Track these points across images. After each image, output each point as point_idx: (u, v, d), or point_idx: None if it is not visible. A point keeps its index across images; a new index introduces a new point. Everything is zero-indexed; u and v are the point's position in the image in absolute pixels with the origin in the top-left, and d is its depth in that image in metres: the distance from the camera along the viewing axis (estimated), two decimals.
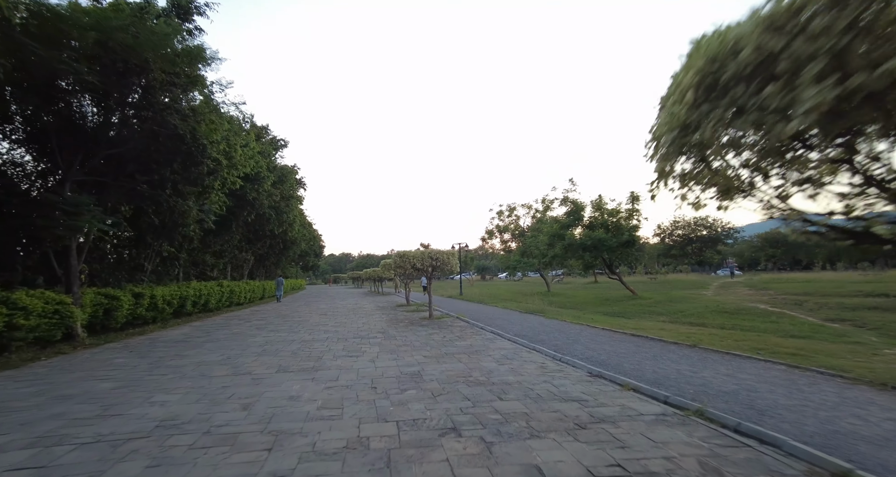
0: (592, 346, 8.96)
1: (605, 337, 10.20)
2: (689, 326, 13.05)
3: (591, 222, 25.04)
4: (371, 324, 13.74)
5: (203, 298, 18.16)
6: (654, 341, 9.46)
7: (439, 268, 14.86)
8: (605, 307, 20.40)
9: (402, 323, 13.79)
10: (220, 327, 13.40)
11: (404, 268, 14.66)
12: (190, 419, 4.53)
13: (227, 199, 16.82)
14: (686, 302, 20.85)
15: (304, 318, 16.32)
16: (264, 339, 10.60)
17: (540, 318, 14.91)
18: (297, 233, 30.25)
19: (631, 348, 8.63)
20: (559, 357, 7.62)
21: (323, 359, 7.82)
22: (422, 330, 11.82)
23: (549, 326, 12.50)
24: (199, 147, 12.06)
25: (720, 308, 16.93)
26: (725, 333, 10.85)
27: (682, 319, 14.91)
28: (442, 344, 9.30)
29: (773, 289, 26.03)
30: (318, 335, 11.11)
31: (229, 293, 21.76)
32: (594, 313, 17.72)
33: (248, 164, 17.44)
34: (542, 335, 10.54)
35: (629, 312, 18.14)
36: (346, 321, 14.69)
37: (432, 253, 14.45)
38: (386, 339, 10.25)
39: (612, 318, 16.05)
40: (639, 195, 24.84)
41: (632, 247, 23.61)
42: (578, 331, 11.26)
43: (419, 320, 14.52)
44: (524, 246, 32.79)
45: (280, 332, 11.96)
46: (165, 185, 11.93)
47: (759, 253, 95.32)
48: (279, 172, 24.64)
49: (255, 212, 21.81)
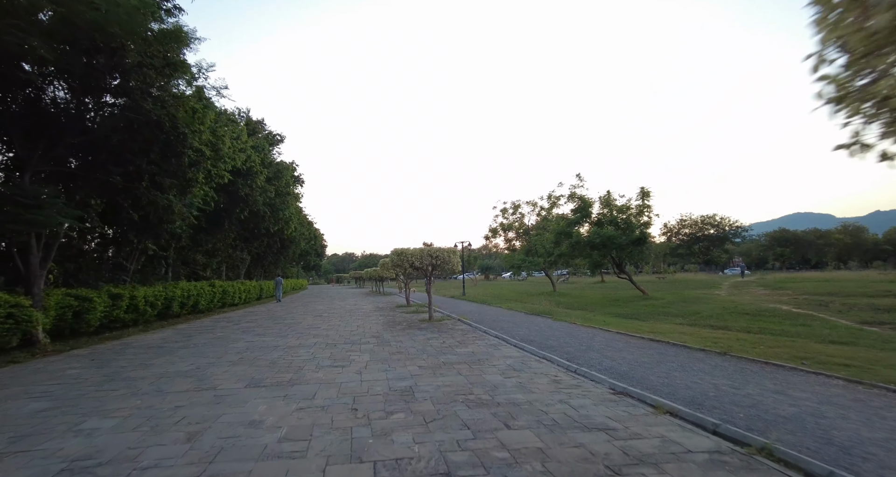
0: (609, 353, 7.95)
1: (621, 343, 9.19)
2: (710, 329, 12.00)
3: (600, 219, 23.95)
4: (366, 327, 12.78)
5: (192, 299, 17.26)
6: (678, 348, 8.44)
7: (440, 267, 13.88)
8: (616, 308, 19.35)
9: (400, 326, 12.82)
10: (205, 331, 12.47)
11: (402, 267, 13.69)
12: (111, 457, 3.56)
13: (215, 195, 15.91)
14: (701, 302, 19.76)
15: (297, 320, 15.38)
16: (246, 344, 9.65)
17: (547, 320, 13.91)
18: (294, 231, 29.35)
19: (653, 357, 7.61)
20: (574, 368, 6.62)
21: (303, 370, 6.85)
22: (420, 334, 10.84)
23: (559, 329, 11.50)
24: (178, 136, 11.13)
25: (740, 309, 15.85)
26: (754, 338, 9.80)
27: (701, 321, 13.85)
28: (440, 351, 8.32)
29: (790, 288, 24.88)
30: (306, 340, 10.15)
31: (222, 294, 20.86)
32: (605, 315, 16.68)
33: (239, 157, 16.53)
34: (551, 340, 9.54)
35: (642, 313, 17.09)
36: (339, 324, 13.74)
37: (432, 251, 13.47)
38: (379, 344, 9.28)
39: (624, 320, 15.01)
40: (649, 191, 23.75)
41: (643, 245, 22.51)
42: (591, 335, 10.25)
43: (418, 323, 13.55)
44: (529, 244, 31.72)
45: (266, 336, 11.01)
46: (142, 177, 11.01)
47: (768, 252, 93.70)
48: (275, 168, 23.73)
49: (249, 208, 20.90)
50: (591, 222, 23.90)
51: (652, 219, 21.95)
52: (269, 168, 23.66)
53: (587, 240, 22.26)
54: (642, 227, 21.98)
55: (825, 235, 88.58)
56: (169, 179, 11.39)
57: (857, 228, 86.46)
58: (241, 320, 15.56)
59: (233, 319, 15.98)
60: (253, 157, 18.76)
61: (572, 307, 20.09)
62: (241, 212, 20.36)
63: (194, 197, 13.14)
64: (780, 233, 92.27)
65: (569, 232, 24.57)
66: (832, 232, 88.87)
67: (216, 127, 14.37)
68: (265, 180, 22.32)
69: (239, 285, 24.04)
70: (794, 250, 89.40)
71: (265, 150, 21.63)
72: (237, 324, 14.34)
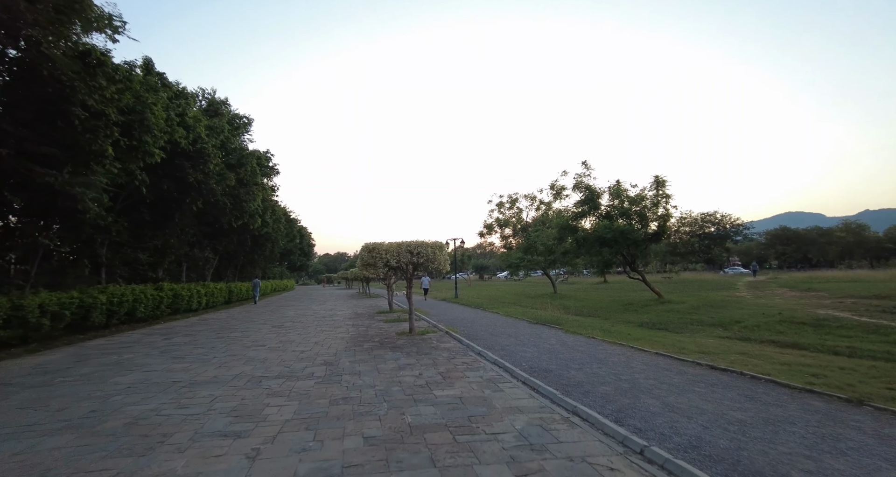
0: (672, 399, 5.11)
1: (674, 373, 6.37)
2: (774, 347, 9.21)
3: (609, 212, 21.15)
4: (327, 343, 9.87)
5: (126, 306, 14.21)
6: (769, 386, 5.63)
7: (423, 265, 11.00)
8: (634, 315, 16.55)
9: (371, 342, 9.92)
10: (103, 353, 9.39)
11: (374, 265, 10.79)
12: None
13: (145, 177, 12.88)
14: (730, 307, 17.01)
15: (248, 332, 12.44)
16: (132, 379, 6.70)
17: (558, 332, 11.07)
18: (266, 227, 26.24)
19: (745, 406, 4.80)
20: (639, 448, 3.74)
21: (163, 446, 3.94)
22: (390, 358, 7.93)
23: (577, 348, 8.65)
24: (63, 90, 8.13)
25: (788, 317, 13.09)
26: (858, 365, 7.00)
27: (751, 334, 11.07)
28: (411, 396, 5.44)
29: (821, 290, 22.19)
30: (229, 369, 7.23)
31: (172, 298, 17.83)
32: (624, 324, 13.87)
33: (178, 132, 13.51)
34: (573, 370, 6.69)
35: (667, 321, 14.30)
36: (296, 338, 10.82)
37: (412, 246, 10.57)
38: (326, 380, 6.38)
39: (652, 331, 12.20)
40: (664, 179, 20.94)
41: (660, 240, 19.78)
42: (625, 360, 7.41)
43: (394, 337, 10.66)
44: (527, 241, 28.89)
45: (182, 361, 8.05)
46: (4, 141, 7.99)
47: (769, 251, 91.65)
48: (237, 154, 20.68)
49: (204, 199, 17.87)
50: (600, 215, 21.07)
51: (670, 211, 19.18)
52: (232, 154, 20.63)
53: (597, 235, 19.43)
54: (661, 220, 19.18)
55: (827, 234, 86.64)
56: (49, 148, 8.37)
57: (859, 226, 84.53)
58: (177, 333, 12.56)
59: (171, 331, 12.98)
60: (204, 136, 15.72)
61: (581, 313, 17.28)
62: (192, 202, 17.32)
63: (103, 175, 10.11)
64: (782, 231, 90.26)
65: (573, 227, 21.74)
66: (834, 230, 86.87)
67: (141, 91, 11.38)
68: (225, 167, 19.30)
69: (198, 288, 20.94)
70: (796, 249, 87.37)
71: (223, 131, 18.59)
72: (167, 338, 11.34)
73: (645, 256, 21.69)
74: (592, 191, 20.86)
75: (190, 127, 15.31)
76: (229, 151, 20.66)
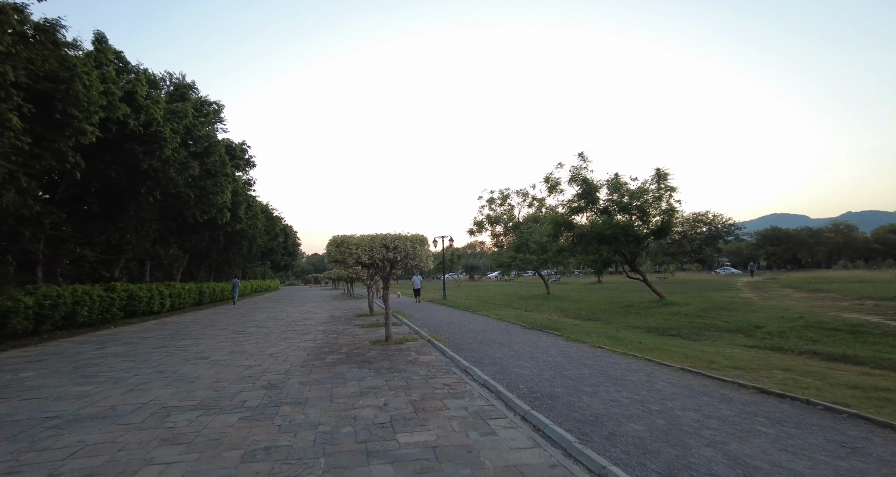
0: (734, 445, 3.56)
1: (715, 400, 4.85)
2: (817, 359, 7.78)
3: (607, 207, 19.72)
4: (284, 355, 8.22)
5: (62, 310, 12.41)
6: (856, 422, 4.13)
7: (401, 262, 9.40)
8: (637, 318, 15.12)
9: (336, 354, 8.28)
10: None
11: (344, 262, 9.15)
12: None
13: (79, 160, 11.07)
14: (740, 310, 15.69)
15: (199, 340, 10.72)
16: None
17: (557, 340, 9.54)
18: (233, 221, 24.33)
19: (846, 458, 3.27)
20: None
21: None
22: (352, 380, 6.30)
23: (583, 360, 7.11)
24: None
25: (814, 322, 11.74)
26: None
27: (781, 342, 9.64)
28: (365, 443, 3.83)
29: (826, 290, 21.03)
30: (137, 397, 5.56)
31: (127, 300, 15.98)
32: (629, 329, 12.42)
33: (120, 108, 11.73)
34: (585, 395, 5.14)
35: (677, 326, 12.86)
36: (251, 349, 9.15)
37: (387, 239, 8.95)
38: (253, 416, 4.74)
39: (663, 338, 10.73)
40: (666, 172, 19.60)
41: (664, 237, 18.41)
42: (646, 378, 5.89)
43: (367, 347, 9.04)
44: (519, 239, 27.40)
45: (90, 381, 6.35)
46: None
47: (759, 251, 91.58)
48: (205, 142, 18.84)
49: (162, 189, 16.04)
50: (598, 211, 19.62)
51: (675, 205, 17.78)
52: (198, 142, 18.80)
53: (595, 231, 17.97)
54: (665, 215, 17.78)
55: (816, 234, 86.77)
56: None
57: (848, 227, 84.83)
58: (119, 341, 10.77)
59: (112, 339, 11.18)
60: (159, 119, 13.89)
61: (580, 316, 15.79)
62: (149, 193, 15.48)
63: (8, 150, 8.30)
64: (772, 231, 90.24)
65: (569, 222, 20.27)
66: (823, 231, 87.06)
67: (65, 54, 9.61)
68: (189, 155, 17.48)
69: (161, 289, 19.08)
70: (786, 249, 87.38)
71: (186, 116, 16.76)
72: (101, 347, 9.57)
73: (649, 254, 20.33)
74: (590, 184, 19.40)
75: (141, 107, 13.50)
76: (195, 139, 18.83)
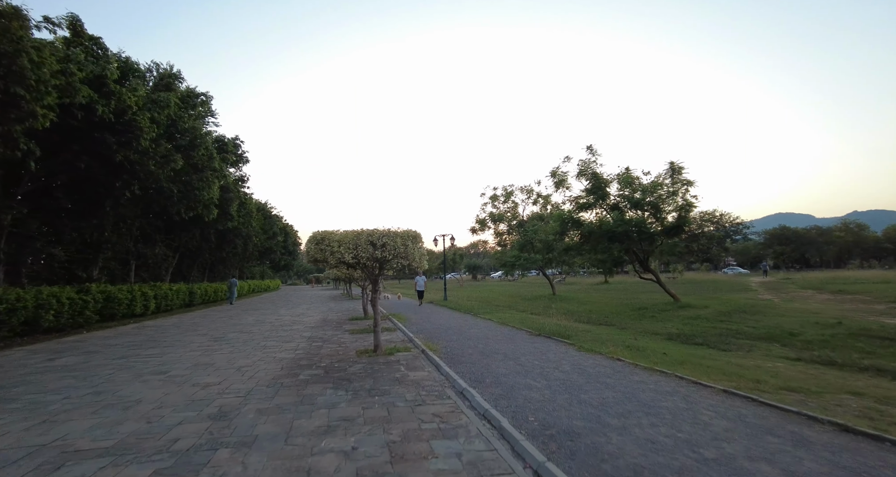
0: None
1: (787, 443, 3.62)
2: (888, 379, 6.56)
3: (617, 203, 18.50)
4: (253, 370, 7.08)
5: (21, 314, 11.33)
6: None
7: (391, 262, 8.24)
8: (652, 323, 13.90)
9: (312, 369, 7.13)
10: None
11: (325, 261, 7.99)
12: None
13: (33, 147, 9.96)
14: (765, 314, 14.44)
15: (168, 349, 9.61)
16: None
17: (569, 350, 8.35)
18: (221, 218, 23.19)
19: None
20: None
21: None
22: (322, 407, 5.13)
23: (603, 379, 5.90)
24: None
25: (857, 329, 10.49)
26: None
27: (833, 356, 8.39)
28: None
29: (851, 291, 19.73)
30: (37, 436, 4.43)
31: (103, 302, 14.90)
32: (648, 336, 11.20)
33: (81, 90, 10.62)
34: (613, 432, 3.93)
35: (700, 333, 11.64)
36: (219, 361, 8.02)
37: (374, 235, 7.78)
38: (171, 470, 3.59)
39: (689, 348, 9.51)
40: (681, 166, 18.35)
41: (680, 234, 17.19)
42: (686, 405, 4.67)
43: (352, 358, 7.89)
44: (524, 238, 26.18)
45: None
46: None
47: (766, 250, 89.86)
48: (190, 135, 17.73)
49: (141, 183, 14.95)
50: (608, 207, 18.39)
51: (692, 201, 16.53)
52: (183, 135, 17.70)
53: (606, 228, 16.75)
54: (681, 211, 16.54)
55: (826, 233, 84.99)
56: None
57: (858, 226, 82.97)
58: (80, 350, 9.64)
59: (74, 347, 10.07)
60: (133, 106, 12.78)
61: (590, 320, 14.57)
62: (126, 187, 14.39)
63: None
64: (781, 230, 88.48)
65: (577, 219, 19.04)
66: (833, 229, 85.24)
67: (16, 28, 8.51)
68: (173, 148, 16.38)
69: (145, 290, 18.00)
70: (794, 248, 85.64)
71: (168, 106, 15.65)
72: (52, 359, 8.44)
73: (662, 253, 19.09)
74: (600, 178, 18.16)
75: (112, 93, 12.40)
76: (181, 131, 17.74)
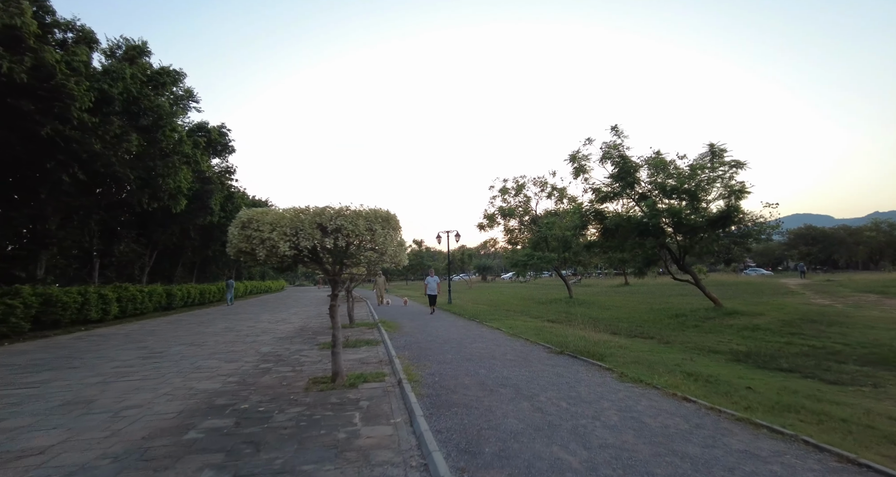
0: None
1: None
2: None
3: (646, 193, 15.74)
4: (136, 417, 4.63)
5: None
6: None
7: (357, 255, 5.72)
8: (699, 334, 11.18)
9: (225, 415, 4.64)
10: None
11: (251, 253, 5.49)
12: None
13: None
14: (847, 325, 11.63)
15: (69, 371, 7.25)
16: None
17: (607, 379, 5.72)
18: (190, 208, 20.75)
19: None
20: None
21: None
22: None
23: (681, 447, 3.17)
24: None
25: None
26: None
27: None
28: None
29: None
30: None
31: (39, 307, 12.65)
32: (707, 355, 8.51)
33: None
34: None
35: (778, 352, 8.90)
36: (103, 398, 5.60)
37: (325, 216, 5.27)
38: None
39: (779, 377, 6.82)
40: (723, 148, 15.53)
41: (728, 225, 14.31)
42: None
43: (296, 393, 5.38)
44: (537, 235, 23.46)
45: None
46: None
47: (791, 251, 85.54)
48: (154, 114, 15.45)
49: (85, 167, 12.68)
50: (636, 196, 15.64)
51: (746, 186, 13.68)
52: (145, 114, 15.43)
53: (636, 221, 14.05)
54: (732, 197, 13.72)
55: (856, 233, 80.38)
56: None
57: (891, 225, 78.28)
58: None
59: None
60: (49, 61, 10.46)
61: (621, 331, 11.86)
62: (63, 170, 12.13)
63: None
64: (807, 230, 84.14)
65: (600, 211, 16.33)
66: (863, 229, 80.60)
67: None
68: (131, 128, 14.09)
69: (104, 292, 15.72)
70: (821, 249, 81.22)
71: (123, 77, 13.37)
72: None
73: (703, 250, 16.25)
74: (628, 162, 15.39)
75: (27, 49, 10.11)
76: (144, 110, 15.48)
